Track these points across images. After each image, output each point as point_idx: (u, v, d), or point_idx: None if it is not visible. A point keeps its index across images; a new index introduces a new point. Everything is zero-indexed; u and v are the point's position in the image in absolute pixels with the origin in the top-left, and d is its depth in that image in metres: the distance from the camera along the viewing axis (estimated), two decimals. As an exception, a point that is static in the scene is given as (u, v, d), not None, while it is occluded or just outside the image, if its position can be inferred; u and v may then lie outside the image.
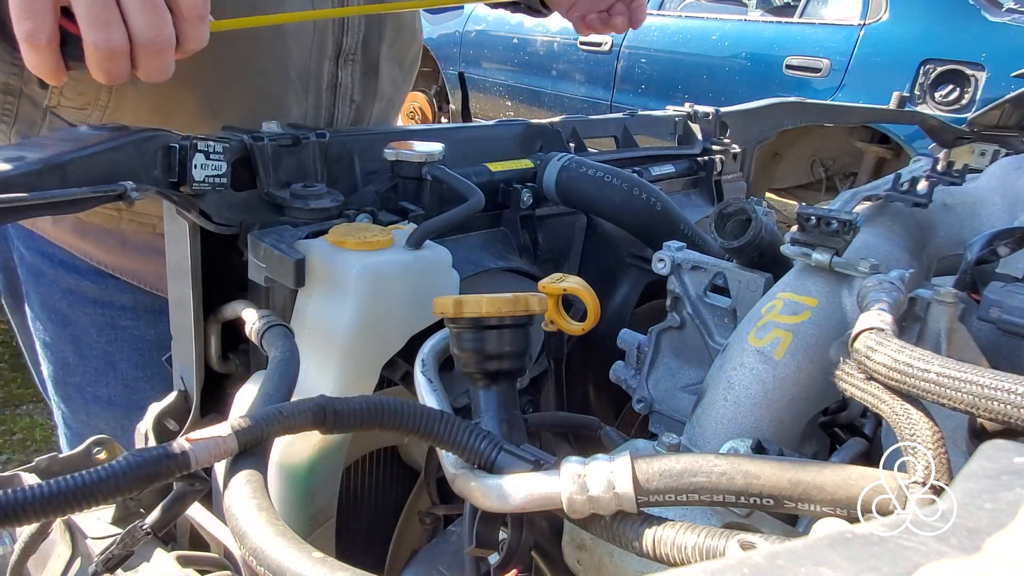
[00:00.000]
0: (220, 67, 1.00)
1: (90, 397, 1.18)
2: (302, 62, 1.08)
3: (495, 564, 0.60)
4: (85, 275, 1.12)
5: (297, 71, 1.08)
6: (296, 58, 1.07)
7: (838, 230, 0.75)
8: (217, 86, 1.02)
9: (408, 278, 0.82)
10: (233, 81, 1.03)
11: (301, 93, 1.10)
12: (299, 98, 1.10)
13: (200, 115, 1.03)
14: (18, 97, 0.98)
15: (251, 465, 0.53)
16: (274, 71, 1.05)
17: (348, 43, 1.12)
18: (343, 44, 1.11)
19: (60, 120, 0.99)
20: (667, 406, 0.90)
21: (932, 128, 1.84)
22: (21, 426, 2.68)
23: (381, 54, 1.19)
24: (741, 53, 4.21)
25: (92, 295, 1.13)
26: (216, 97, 1.03)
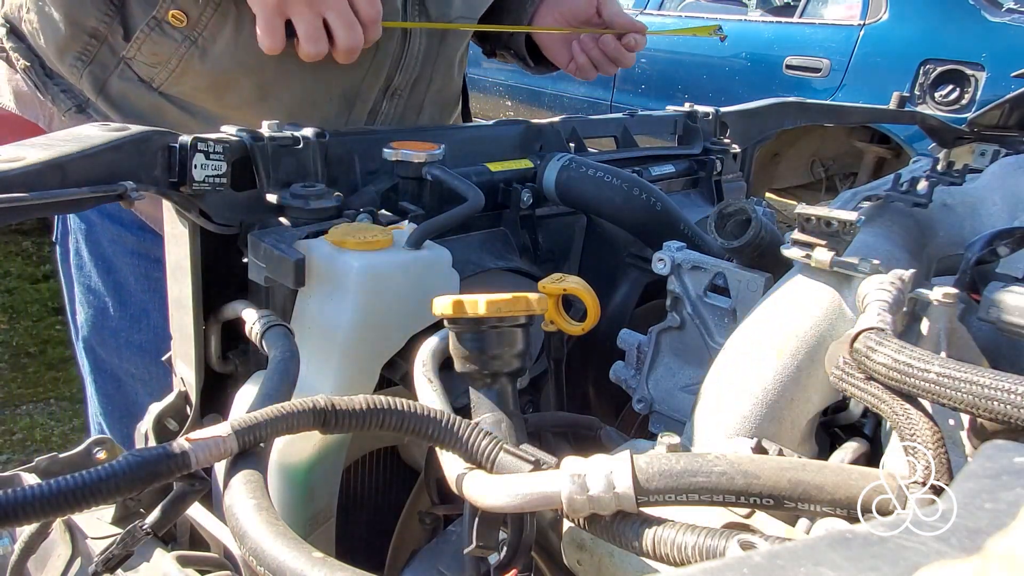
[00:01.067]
0: (278, 63, 1.07)
1: (123, 342, 1.27)
2: (351, 83, 1.17)
3: (495, 564, 0.60)
4: (129, 227, 1.20)
5: (344, 88, 1.17)
6: (346, 77, 1.16)
7: (838, 230, 0.75)
8: (271, 78, 1.10)
9: (408, 278, 0.82)
10: (285, 78, 1.11)
11: (342, 108, 1.19)
12: (339, 112, 1.19)
13: (250, 101, 1.11)
14: (101, 42, 1.06)
15: (251, 465, 0.53)
16: (323, 80, 1.14)
17: (399, 80, 1.23)
18: (394, 79, 1.22)
19: (130, 71, 1.07)
20: (667, 406, 0.90)
21: (932, 128, 1.84)
22: (21, 426, 2.68)
23: (427, 98, 1.30)
24: (741, 53, 4.21)
25: (132, 246, 1.21)
26: (267, 88, 1.11)
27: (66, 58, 1.07)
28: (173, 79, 1.07)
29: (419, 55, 1.23)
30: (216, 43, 1.05)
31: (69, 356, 3.14)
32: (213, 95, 1.09)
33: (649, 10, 4.73)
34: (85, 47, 1.06)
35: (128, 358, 1.28)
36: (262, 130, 0.91)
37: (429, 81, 1.28)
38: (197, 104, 1.10)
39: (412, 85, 1.26)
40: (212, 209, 0.86)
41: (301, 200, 0.87)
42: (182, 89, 1.08)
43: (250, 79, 1.09)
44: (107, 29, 1.05)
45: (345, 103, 1.19)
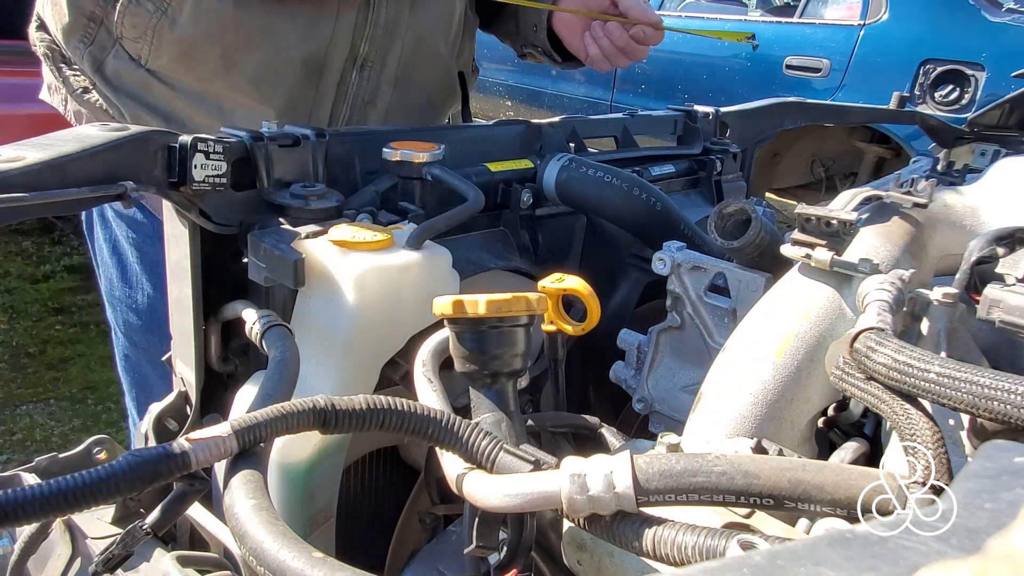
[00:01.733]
0: (241, 29, 1.13)
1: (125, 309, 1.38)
2: (313, 51, 1.18)
3: (495, 564, 0.60)
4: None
5: (305, 56, 1.18)
6: (307, 44, 1.17)
7: (838, 230, 0.75)
8: (233, 45, 1.14)
9: (408, 278, 0.82)
10: (247, 45, 1.15)
11: (308, 78, 1.20)
12: (306, 82, 1.20)
13: (218, 71, 1.16)
14: (99, 25, 1.16)
15: (251, 465, 0.53)
16: (283, 48, 1.16)
17: (366, 50, 1.23)
18: (360, 49, 1.23)
19: (123, 50, 1.16)
20: (667, 406, 0.90)
21: (932, 128, 1.84)
22: (21, 426, 2.68)
23: (404, 74, 1.31)
24: (741, 53, 4.21)
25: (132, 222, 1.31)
26: (231, 56, 1.15)
27: (71, 41, 1.16)
28: (153, 53, 1.14)
29: (385, 25, 1.23)
30: (182, 11, 1.12)
31: (69, 356, 3.14)
32: (184, 66, 1.15)
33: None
34: (86, 30, 1.15)
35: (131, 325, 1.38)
36: (262, 130, 0.91)
37: (400, 54, 1.28)
38: (175, 77, 1.17)
39: (383, 58, 1.26)
40: (212, 209, 0.86)
41: (301, 200, 0.87)
42: (162, 63, 1.15)
43: (215, 48, 1.14)
44: (102, 12, 1.14)
45: (310, 72, 1.20)
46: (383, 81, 1.28)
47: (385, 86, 1.29)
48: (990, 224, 0.88)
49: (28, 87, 2.70)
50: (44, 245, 4.17)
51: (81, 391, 2.92)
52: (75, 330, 3.35)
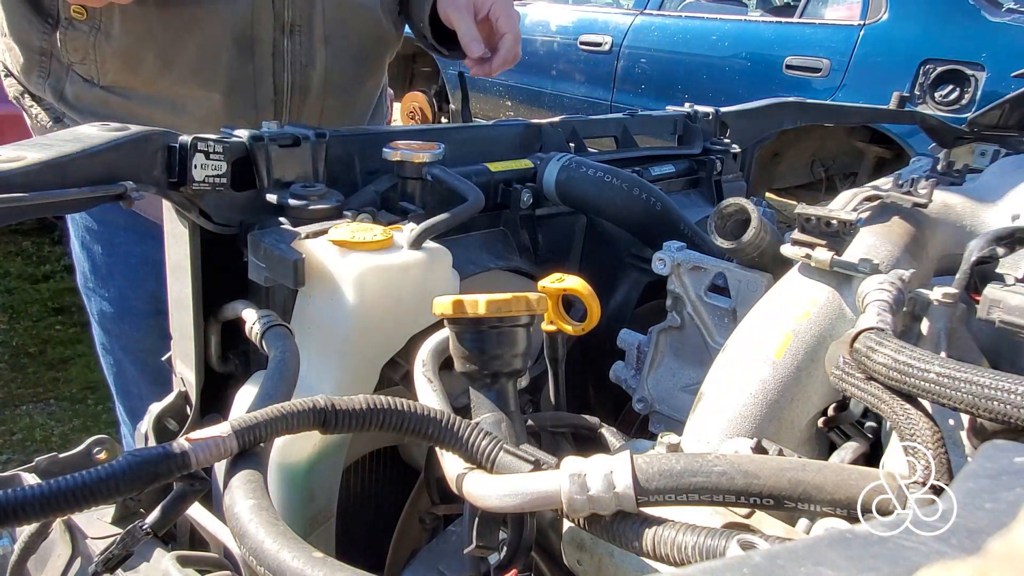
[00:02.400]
0: (169, 27, 1.18)
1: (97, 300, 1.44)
2: (240, 27, 1.22)
3: (495, 564, 0.60)
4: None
5: (235, 34, 1.22)
6: (233, 22, 1.21)
7: (838, 230, 0.75)
8: (166, 43, 1.19)
9: (408, 278, 0.82)
10: (179, 40, 1.20)
11: (243, 55, 1.24)
12: (241, 59, 1.24)
13: (161, 71, 1.21)
14: (50, 57, 1.22)
15: (251, 465, 0.53)
16: (213, 33, 1.21)
17: (290, 15, 1.26)
18: (284, 15, 1.25)
19: (76, 75, 1.22)
20: (667, 406, 0.90)
21: (932, 128, 1.84)
22: (21, 426, 2.68)
23: (335, 31, 1.32)
24: (741, 53, 4.21)
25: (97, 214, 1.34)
26: (168, 54, 1.20)
27: (31, 78, 1.24)
28: (100, 70, 1.20)
29: None
30: (113, 24, 1.17)
31: (69, 356, 3.14)
32: (128, 73, 1.21)
33: (649, 10, 4.73)
34: (40, 64, 1.22)
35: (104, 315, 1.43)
36: (262, 130, 0.91)
37: (323, 12, 1.29)
38: (125, 87, 1.22)
39: (308, 20, 1.28)
40: (212, 209, 0.86)
41: (301, 200, 0.87)
42: (112, 77, 1.21)
43: (150, 50, 1.19)
44: (48, 44, 1.21)
45: (242, 50, 1.24)
46: (315, 41, 1.30)
47: (318, 46, 1.31)
48: (990, 224, 0.88)
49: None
50: (44, 245, 4.17)
51: (81, 391, 2.92)
52: (75, 330, 3.35)
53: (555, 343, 0.82)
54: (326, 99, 1.36)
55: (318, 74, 1.32)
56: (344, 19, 1.34)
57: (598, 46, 4.83)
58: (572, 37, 4.96)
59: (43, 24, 1.19)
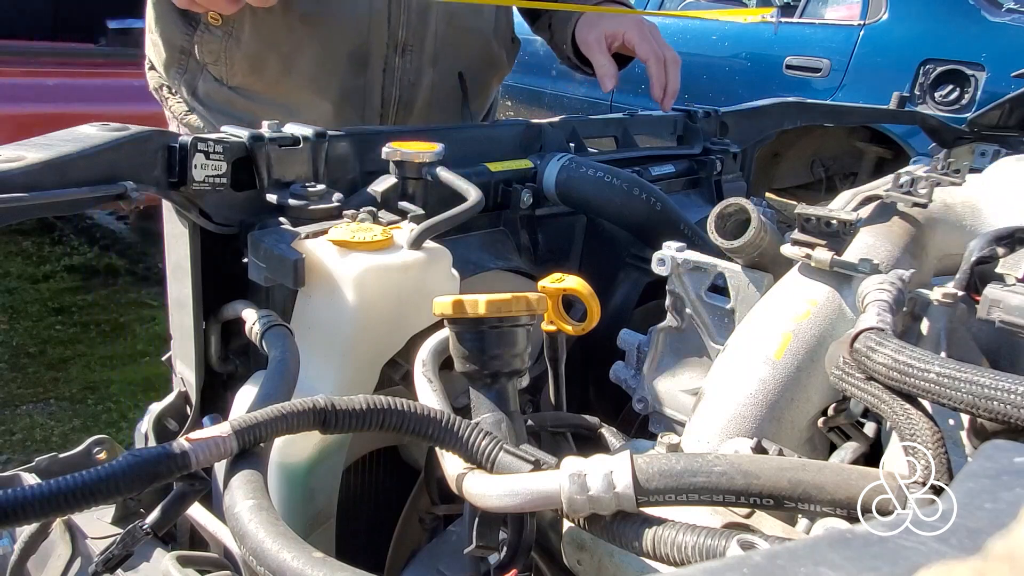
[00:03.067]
0: (291, 36, 1.30)
1: None
2: (356, 43, 1.33)
3: (495, 564, 0.60)
4: None
5: (351, 50, 1.33)
6: (350, 39, 1.32)
7: (838, 230, 0.75)
8: (289, 51, 1.31)
9: (408, 278, 0.82)
10: (300, 48, 1.31)
11: (356, 69, 1.35)
12: (355, 72, 1.35)
13: (281, 75, 1.33)
14: (188, 56, 1.35)
15: (251, 465, 0.53)
16: (330, 46, 1.32)
17: (404, 35, 1.35)
18: (399, 35, 1.34)
19: (209, 74, 1.35)
20: (667, 406, 0.90)
21: (932, 128, 1.84)
22: (21, 426, 2.68)
23: (444, 53, 1.40)
24: (741, 53, 4.21)
25: None
26: (289, 60, 1.32)
27: (171, 73, 1.39)
28: (230, 72, 1.34)
29: (416, 9, 1.34)
30: (244, 31, 1.30)
31: (69, 356, 3.14)
32: (253, 76, 1.34)
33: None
34: (179, 62, 1.37)
35: None
36: (262, 130, 0.91)
37: (435, 34, 1.37)
38: (249, 89, 1.35)
39: (421, 40, 1.37)
40: (212, 209, 0.86)
41: (301, 200, 0.87)
42: (239, 79, 1.34)
43: (273, 55, 1.31)
44: (189, 44, 1.34)
45: (356, 63, 1.34)
46: (424, 61, 1.39)
47: (427, 65, 1.39)
48: (990, 224, 0.88)
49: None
50: (44, 245, 4.17)
51: (81, 391, 2.91)
52: (75, 330, 3.35)
53: (555, 343, 0.82)
54: (429, 115, 1.45)
55: (423, 91, 1.41)
56: (454, 41, 1.42)
57: (598, 46, 4.81)
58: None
59: (186, 26, 1.32)
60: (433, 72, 1.40)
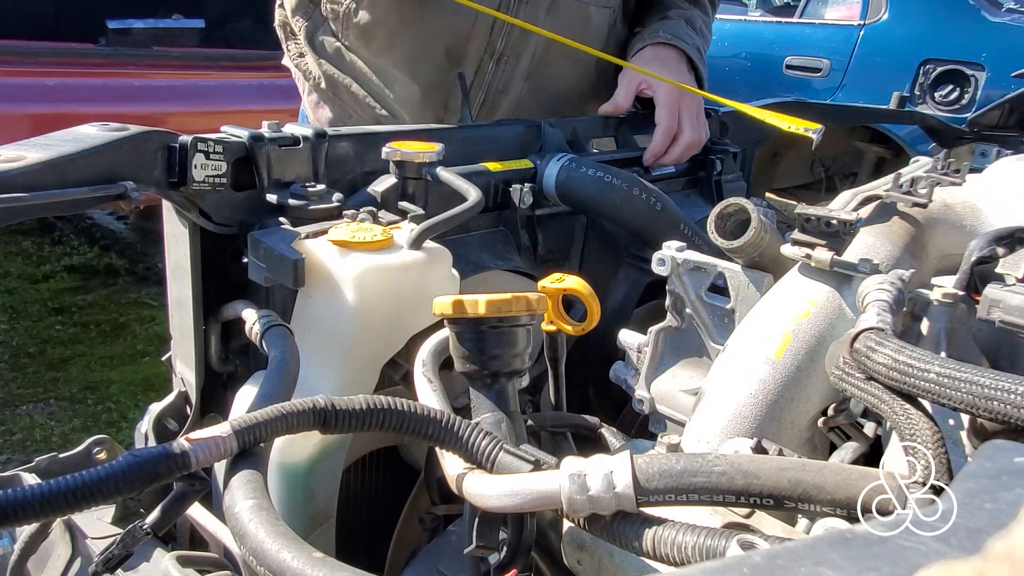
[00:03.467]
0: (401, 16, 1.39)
1: None
2: (455, 40, 1.39)
3: (495, 564, 0.60)
4: None
5: (448, 45, 1.40)
6: (450, 34, 1.39)
7: (838, 230, 0.75)
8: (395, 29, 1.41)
9: (408, 278, 0.82)
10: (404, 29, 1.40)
11: (450, 64, 1.40)
12: (448, 66, 1.40)
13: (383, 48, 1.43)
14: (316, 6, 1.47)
15: (251, 465, 0.53)
16: (431, 35, 1.40)
17: (503, 45, 1.40)
18: (497, 44, 1.40)
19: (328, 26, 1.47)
20: (667, 406, 0.90)
21: (932, 128, 1.84)
22: (21, 426, 2.68)
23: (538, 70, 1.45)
24: (741, 53, 4.21)
25: None
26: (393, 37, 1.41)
27: (296, 18, 1.50)
28: (343, 32, 1.44)
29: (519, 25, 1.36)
30: (363, 2, 1.40)
31: (69, 356, 3.14)
32: (362, 42, 1.44)
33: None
34: (306, 9, 1.48)
35: None
36: (262, 130, 0.91)
37: (534, 52, 1.42)
38: (358, 51, 1.45)
39: (518, 54, 1.41)
40: (212, 209, 0.86)
41: (301, 200, 0.87)
42: (350, 40, 1.45)
43: (382, 30, 1.41)
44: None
45: (451, 59, 1.40)
46: (517, 74, 1.43)
47: (518, 79, 1.44)
48: (990, 224, 0.88)
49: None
50: (44, 245, 4.17)
51: (81, 391, 2.92)
52: (75, 330, 3.35)
53: (555, 343, 0.82)
54: None
55: (509, 101, 1.45)
56: (550, 62, 1.45)
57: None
58: (572, 37, 4.95)
59: None
60: (524, 86, 1.45)
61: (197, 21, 3.82)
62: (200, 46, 3.78)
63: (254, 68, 3.68)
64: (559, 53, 1.43)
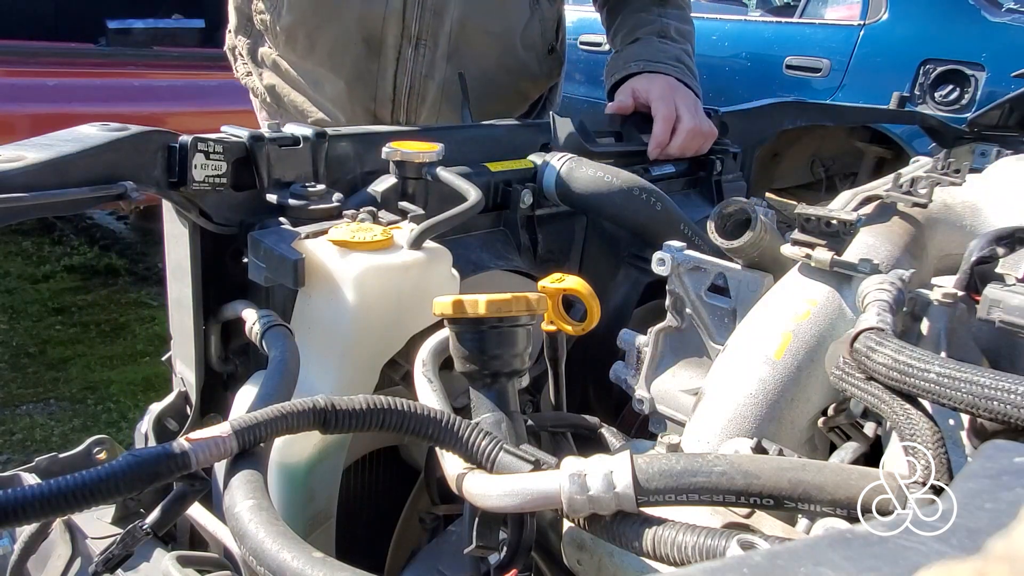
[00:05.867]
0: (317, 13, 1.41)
1: None
2: (371, 30, 1.41)
3: (495, 564, 0.60)
4: None
5: (366, 34, 1.41)
6: (366, 24, 1.40)
7: (838, 230, 0.75)
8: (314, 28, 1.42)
9: (408, 278, 0.82)
10: (322, 27, 1.42)
11: (370, 54, 1.43)
12: (368, 57, 1.43)
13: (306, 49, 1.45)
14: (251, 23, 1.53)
15: (251, 465, 0.53)
16: (347, 27, 1.41)
17: (417, 29, 1.40)
18: (412, 28, 1.40)
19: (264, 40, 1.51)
20: (667, 406, 0.90)
21: (932, 128, 1.84)
22: (21, 426, 2.68)
23: (457, 55, 1.45)
24: (741, 53, 4.21)
25: None
26: (314, 37, 1.43)
27: (239, 36, 1.56)
28: (274, 42, 1.48)
29: (432, 7, 1.39)
30: (284, 4, 1.42)
31: (69, 356, 3.14)
32: (290, 48, 1.47)
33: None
34: (245, 27, 1.54)
35: None
36: (262, 130, 0.91)
37: (450, 33, 1.42)
38: (288, 59, 1.49)
39: (435, 36, 1.41)
40: (212, 209, 0.86)
41: (301, 200, 0.87)
42: (281, 50, 1.48)
43: (302, 31, 1.43)
44: (249, 11, 1.51)
45: (371, 48, 1.42)
46: (437, 57, 1.44)
47: (440, 61, 1.44)
48: (990, 224, 0.88)
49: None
50: (44, 245, 4.17)
51: (81, 391, 2.91)
52: (75, 330, 3.35)
53: (555, 343, 0.82)
54: (442, 109, 1.49)
55: (436, 85, 1.46)
56: (470, 42, 1.46)
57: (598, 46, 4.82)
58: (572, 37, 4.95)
59: None
60: (447, 68, 1.45)
61: (197, 21, 3.83)
62: (200, 46, 3.78)
63: (254, 68, 3.67)
64: (476, 30, 1.45)
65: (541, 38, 1.57)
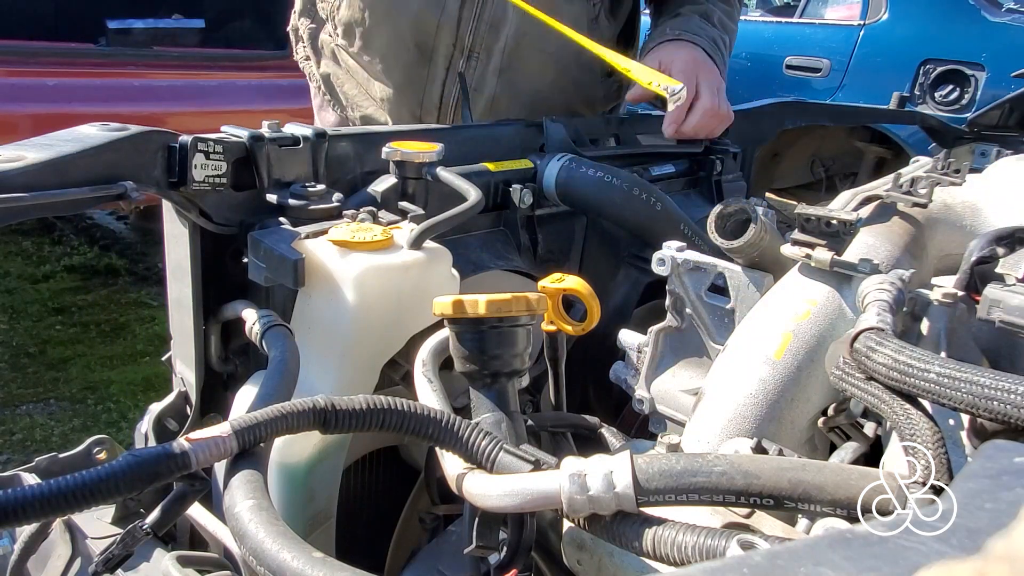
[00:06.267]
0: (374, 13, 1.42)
1: None
2: (424, 36, 1.40)
3: (495, 564, 0.60)
4: None
5: (418, 40, 1.41)
6: (420, 30, 1.40)
7: (838, 230, 0.75)
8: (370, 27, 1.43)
9: (408, 278, 0.82)
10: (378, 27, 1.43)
11: (421, 59, 1.43)
12: (419, 62, 1.43)
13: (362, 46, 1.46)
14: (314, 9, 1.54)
15: (251, 465, 0.53)
16: (403, 30, 1.42)
17: (471, 42, 1.39)
18: (466, 40, 1.39)
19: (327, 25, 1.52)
20: (667, 406, 0.90)
21: (932, 128, 1.84)
22: (21, 426, 2.68)
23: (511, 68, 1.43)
24: (741, 53, 4.20)
25: None
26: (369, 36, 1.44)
27: (303, 20, 1.57)
28: (334, 33, 1.50)
29: (489, 20, 1.38)
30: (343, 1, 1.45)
31: (69, 356, 3.14)
32: (346, 41, 1.48)
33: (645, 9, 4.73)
34: (309, 11, 1.55)
35: None
36: (262, 130, 0.91)
37: (504, 48, 1.40)
38: (345, 52, 1.50)
39: (488, 50, 1.40)
40: (212, 209, 0.86)
41: (301, 200, 0.87)
42: (339, 41, 1.50)
43: (360, 28, 1.45)
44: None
45: (422, 55, 1.42)
46: (489, 71, 1.42)
47: (491, 76, 1.43)
48: (990, 224, 0.88)
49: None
50: (44, 245, 4.17)
51: (81, 391, 2.91)
52: (75, 330, 3.35)
53: (555, 343, 0.82)
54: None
55: (484, 100, 1.44)
56: (524, 60, 1.43)
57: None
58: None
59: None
60: (497, 83, 1.43)
61: (197, 21, 3.82)
62: (200, 46, 3.78)
63: (254, 68, 3.68)
64: (531, 48, 1.42)
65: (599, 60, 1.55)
